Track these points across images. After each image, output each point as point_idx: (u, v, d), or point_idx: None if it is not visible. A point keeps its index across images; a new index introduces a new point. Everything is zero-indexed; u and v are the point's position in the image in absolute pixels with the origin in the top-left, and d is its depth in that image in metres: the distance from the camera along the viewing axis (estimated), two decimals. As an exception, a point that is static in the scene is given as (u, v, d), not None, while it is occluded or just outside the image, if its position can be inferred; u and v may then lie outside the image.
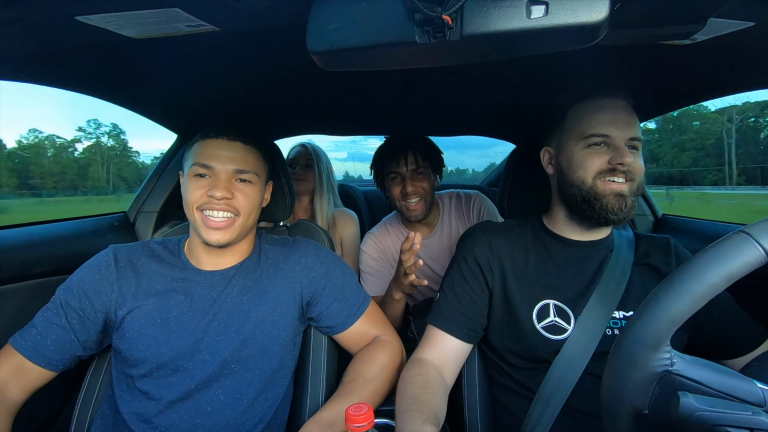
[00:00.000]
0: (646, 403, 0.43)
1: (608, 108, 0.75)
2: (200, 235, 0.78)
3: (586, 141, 0.75)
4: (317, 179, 1.59)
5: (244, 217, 0.79)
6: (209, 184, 0.77)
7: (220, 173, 0.78)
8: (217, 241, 0.77)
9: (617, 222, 0.74)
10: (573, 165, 0.76)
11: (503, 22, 0.44)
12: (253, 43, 0.75)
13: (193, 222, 0.79)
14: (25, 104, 28.54)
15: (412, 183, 1.25)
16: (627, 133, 0.73)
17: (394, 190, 1.28)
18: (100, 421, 0.77)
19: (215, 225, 0.76)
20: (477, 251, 0.84)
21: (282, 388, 0.82)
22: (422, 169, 1.27)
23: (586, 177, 0.74)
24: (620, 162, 0.71)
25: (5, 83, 0.81)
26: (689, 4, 0.49)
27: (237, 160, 0.79)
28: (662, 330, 0.41)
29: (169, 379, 0.74)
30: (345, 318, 0.85)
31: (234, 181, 0.79)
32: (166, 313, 0.77)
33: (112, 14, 0.56)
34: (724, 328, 0.74)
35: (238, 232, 0.79)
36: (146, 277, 0.79)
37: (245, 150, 0.81)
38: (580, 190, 0.75)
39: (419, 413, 0.63)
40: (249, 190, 0.80)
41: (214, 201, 0.76)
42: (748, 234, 0.39)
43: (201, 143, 0.79)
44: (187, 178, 0.79)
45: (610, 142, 0.74)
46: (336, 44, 0.49)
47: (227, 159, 0.78)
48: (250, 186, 0.81)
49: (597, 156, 0.74)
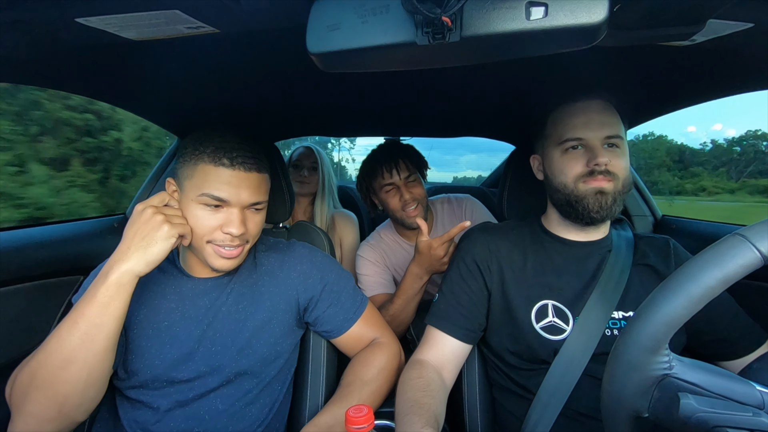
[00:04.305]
0: (645, 406, 0.43)
1: (580, 111, 0.76)
2: (206, 260, 0.73)
3: (563, 146, 0.77)
4: (320, 181, 1.59)
5: (251, 242, 0.77)
6: (223, 218, 0.71)
7: (234, 207, 0.72)
8: (227, 269, 0.74)
9: (601, 220, 0.75)
10: (555, 171, 0.78)
11: (503, 24, 0.44)
12: (253, 45, 0.75)
13: (199, 249, 0.73)
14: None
15: (408, 191, 1.26)
16: (601, 133, 0.74)
17: (391, 202, 1.28)
18: (99, 425, 0.77)
19: (228, 255, 0.72)
20: (476, 252, 0.84)
21: (280, 392, 0.82)
22: (413, 176, 1.29)
23: (567, 181, 0.76)
24: (596, 163, 0.72)
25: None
26: (689, 6, 0.49)
27: (252, 192, 0.73)
28: (660, 333, 0.41)
29: (165, 389, 0.73)
30: (342, 322, 0.85)
31: (248, 211, 0.74)
32: (158, 323, 0.75)
33: (111, 16, 0.56)
34: (723, 330, 0.74)
35: (245, 256, 0.77)
36: (139, 285, 0.76)
37: (259, 179, 0.75)
38: (564, 194, 0.76)
39: (419, 416, 0.63)
40: (259, 217, 0.77)
41: (230, 238, 0.71)
42: (743, 237, 0.39)
43: (213, 170, 0.70)
44: (193, 205, 0.71)
45: (585, 144, 0.75)
46: (335, 46, 0.49)
47: (245, 193, 0.72)
48: (260, 213, 0.77)
49: (575, 160, 0.75)
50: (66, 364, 0.59)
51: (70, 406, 0.60)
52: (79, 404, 0.61)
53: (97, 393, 0.63)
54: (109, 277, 0.62)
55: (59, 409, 0.59)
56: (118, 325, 0.63)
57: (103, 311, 0.61)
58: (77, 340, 0.59)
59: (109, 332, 0.62)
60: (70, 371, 0.59)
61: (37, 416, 0.59)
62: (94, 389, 0.62)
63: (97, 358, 0.61)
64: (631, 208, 1.41)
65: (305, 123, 1.52)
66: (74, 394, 0.60)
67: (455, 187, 2.31)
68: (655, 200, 1.43)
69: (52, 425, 0.59)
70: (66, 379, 0.59)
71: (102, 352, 0.61)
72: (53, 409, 0.59)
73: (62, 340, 0.60)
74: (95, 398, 0.63)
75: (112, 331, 0.62)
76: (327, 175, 1.62)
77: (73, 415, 0.61)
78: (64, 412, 0.60)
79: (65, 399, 0.59)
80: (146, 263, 0.64)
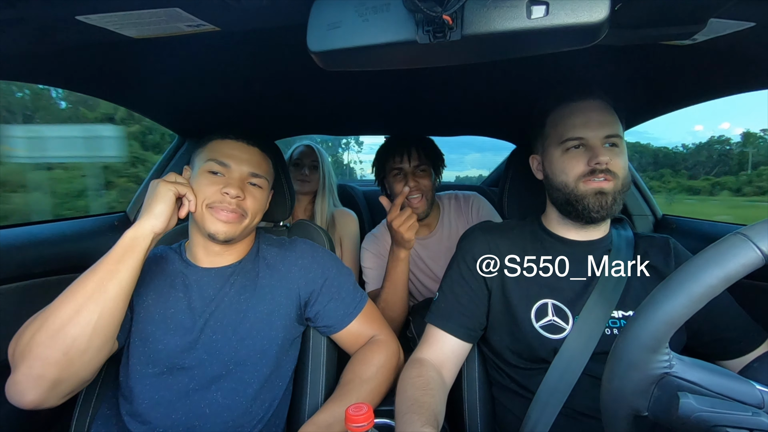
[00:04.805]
0: (645, 405, 0.43)
1: (580, 110, 0.77)
2: (205, 228, 0.78)
3: (563, 146, 0.77)
4: (321, 180, 1.59)
5: (250, 218, 0.81)
6: (223, 182, 0.78)
7: (234, 173, 0.80)
8: (224, 234, 0.77)
9: (601, 219, 0.76)
10: (556, 170, 0.78)
11: (504, 22, 0.44)
12: (254, 43, 0.75)
13: (200, 219, 0.78)
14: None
15: (414, 179, 1.26)
16: (601, 132, 0.74)
17: (396, 186, 1.29)
18: (100, 422, 0.77)
19: (225, 218, 0.77)
20: (476, 251, 0.84)
21: (280, 389, 0.82)
22: (424, 167, 1.29)
23: (568, 181, 0.76)
24: (597, 162, 0.73)
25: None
26: (690, 5, 0.49)
27: (253, 164, 0.82)
28: (661, 332, 0.41)
29: (166, 378, 0.74)
30: (341, 317, 0.86)
31: (246, 183, 0.81)
32: (165, 310, 0.77)
33: (112, 14, 0.56)
34: (723, 329, 0.74)
35: (242, 230, 0.81)
36: (149, 273, 0.80)
37: (260, 156, 0.85)
38: (564, 194, 0.77)
39: (419, 415, 0.63)
40: (258, 193, 0.83)
41: (227, 199, 0.77)
42: (744, 236, 0.39)
43: (219, 142, 0.82)
44: (198, 174, 0.79)
45: (585, 143, 0.75)
46: (336, 44, 0.49)
47: (244, 161, 0.81)
48: (259, 190, 0.83)
49: (576, 160, 0.75)
50: (79, 307, 0.63)
51: (76, 351, 0.62)
52: (84, 350, 0.62)
53: (102, 343, 0.65)
54: (125, 236, 0.69)
55: (66, 351, 0.61)
56: (130, 276, 0.67)
57: (118, 262, 0.66)
58: (92, 286, 0.64)
59: (122, 280, 0.66)
60: (81, 315, 0.62)
61: (43, 358, 0.60)
62: (100, 338, 0.64)
63: (108, 304, 0.64)
64: (631, 208, 1.41)
65: (306, 121, 1.52)
66: (81, 338, 0.62)
67: (457, 186, 2.31)
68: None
69: (56, 369, 0.61)
70: (76, 321, 0.62)
71: (113, 299, 0.65)
72: (59, 350, 0.61)
73: (76, 291, 0.64)
74: (99, 350, 0.65)
75: (125, 280, 0.66)
76: (328, 174, 1.62)
77: (77, 362, 0.62)
78: (69, 356, 0.61)
79: (72, 341, 0.61)
80: (155, 218, 0.71)
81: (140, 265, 0.69)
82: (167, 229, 0.73)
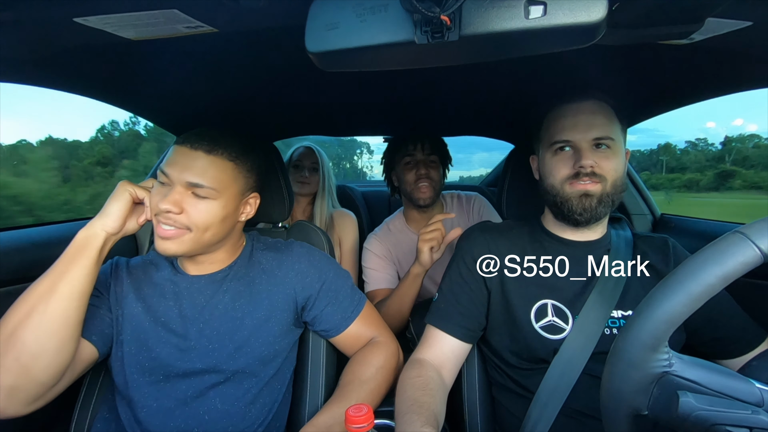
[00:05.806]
0: (645, 404, 0.43)
1: (571, 112, 0.77)
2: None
3: (552, 148, 0.77)
4: (320, 181, 1.59)
5: (197, 232, 0.72)
6: (165, 192, 0.71)
7: (174, 183, 0.71)
8: (166, 251, 0.71)
9: (585, 222, 0.76)
10: (546, 172, 0.79)
11: (502, 23, 0.44)
12: (252, 45, 0.75)
13: (154, 228, 0.73)
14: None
15: (425, 167, 1.31)
16: (589, 135, 0.74)
17: (407, 175, 1.32)
18: (99, 425, 0.76)
19: (163, 234, 0.71)
20: (475, 251, 0.84)
21: (280, 391, 0.82)
22: (434, 158, 1.34)
23: (555, 183, 0.77)
24: (581, 165, 0.72)
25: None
26: (687, 4, 0.49)
27: (193, 172, 0.71)
28: (660, 331, 0.41)
29: (163, 386, 0.74)
30: (340, 321, 0.85)
31: (189, 193, 0.71)
32: (156, 318, 0.76)
33: (110, 16, 0.56)
34: (722, 328, 0.74)
35: (190, 246, 0.72)
36: (137, 281, 0.79)
37: (207, 161, 0.72)
38: (552, 196, 0.77)
39: (419, 415, 0.63)
40: (204, 205, 0.71)
41: (163, 213, 0.70)
42: (743, 234, 0.39)
43: (172, 149, 0.75)
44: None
45: (573, 146, 0.75)
46: (334, 45, 0.49)
47: (183, 169, 0.71)
48: (206, 202, 0.72)
49: (563, 162, 0.76)
50: (30, 310, 0.62)
51: (27, 355, 0.60)
52: (37, 354, 0.61)
53: (58, 346, 0.63)
54: (77, 236, 0.68)
55: (17, 356, 0.60)
56: (83, 276, 0.65)
57: (70, 262, 0.65)
58: (44, 288, 0.63)
59: (73, 280, 0.64)
60: (31, 317, 0.61)
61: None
62: (54, 341, 0.62)
63: (60, 305, 0.63)
64: (629, 207, 1.41)
65: (304, 122, 1.52)
66: (33, 342, 0.61)
67: (459, 186, 2.31)
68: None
69: (9, 375, 0.60)
70: (26, 324, 0.61)
71: (66, 299, 0.63)
72: (10, 356, 0.60)
73: (28, 294, 0.63)
74: (57, 353, 0.63)
75: (77, 280, 0.65)
76: (327, 175, 1.62)
77: (32, 368, 0.61)
78: (21, 361, 0.60)
79: (23, 346, 0.60)
80: (106, 217, 0.70)
81: (95, 265, 0.67)
82: (124, 232, 0.72)
